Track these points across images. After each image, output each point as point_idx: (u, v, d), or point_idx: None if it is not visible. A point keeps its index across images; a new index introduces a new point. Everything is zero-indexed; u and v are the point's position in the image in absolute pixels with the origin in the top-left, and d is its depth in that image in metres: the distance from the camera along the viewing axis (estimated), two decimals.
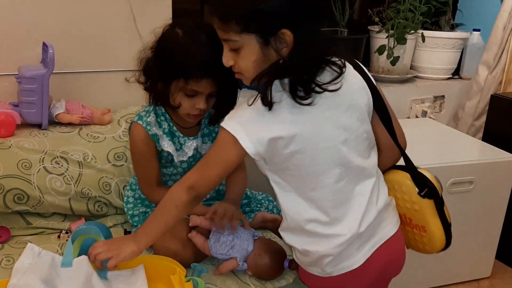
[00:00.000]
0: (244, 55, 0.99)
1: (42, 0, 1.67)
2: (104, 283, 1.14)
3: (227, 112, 1.13)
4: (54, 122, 1.65)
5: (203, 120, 1.42)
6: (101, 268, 1.15)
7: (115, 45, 1.79)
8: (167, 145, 1.35)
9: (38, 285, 1.07)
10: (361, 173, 1.12)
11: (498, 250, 2.11)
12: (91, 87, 1.80)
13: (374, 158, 1.16)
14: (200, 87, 1.23)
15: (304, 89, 0.99)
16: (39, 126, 1.62)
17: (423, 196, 1.18)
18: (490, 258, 2.12)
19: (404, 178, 1.20)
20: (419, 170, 1.21)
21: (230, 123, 1.01)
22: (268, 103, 0.98)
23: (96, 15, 1.75)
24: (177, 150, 1.37)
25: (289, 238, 1.16)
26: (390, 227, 1.17)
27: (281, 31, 0.94)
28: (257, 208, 1.53)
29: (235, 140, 1.00)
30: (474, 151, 2.09)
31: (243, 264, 1.28)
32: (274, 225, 1.51)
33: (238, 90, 1.32)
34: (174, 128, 1.38)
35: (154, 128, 1.33)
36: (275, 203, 1.57)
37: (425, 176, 1.20)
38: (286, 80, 0.99)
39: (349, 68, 1.10)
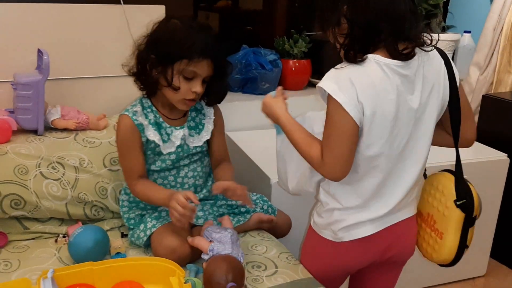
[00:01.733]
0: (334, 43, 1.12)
1: (37, 8, 1.69)
2: None
3: (220, 96, 1.42)
4: (50, 128, 1.67)
5: (189, 113, 1.46)
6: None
7: (109, 52, 1.81)
8: (152, 135, 1.38)
9: None
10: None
11: (493, 248, 2.13)
12: (86, 93, 1.82)
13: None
14: (200, 68, 1.31)
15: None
16: (35, 132, 1.64)
17: (458, 206, 1.22)
18: (485, 257, 2.14)
19: (449, 181, 1.25)
20: (467, 182, 1.26)
21: None
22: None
23: (91, 22, 1.77)
24: (164, 141, 1.40)
25: (329, 191, 1.22)
26: (404, 212, 1.24)
27: (344, 8, 1.06)
28: (253, 209, 1.55)
29: None
30: (466, 150, 2.09)
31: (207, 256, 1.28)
32: (269, 226, 1.54)
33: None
34: (161, 119, 1.41)
35: (140, 118, 1.37)
36: (269, 203, 1.58)
37: (469, 188, 1.25)
38: None
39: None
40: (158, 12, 1.84)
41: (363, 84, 1.04)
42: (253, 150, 1.91)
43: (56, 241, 1.47)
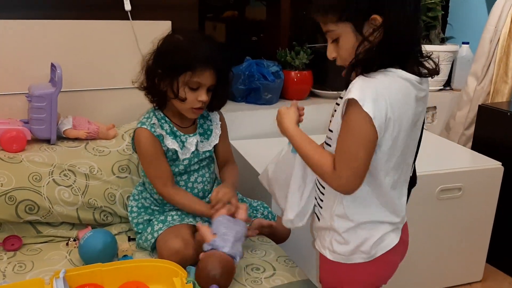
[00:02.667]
0: (343, 43, 1.07)
1: (51, 25, 1.77)
2: None
3: (222, 102, 1.51)
4: (62, 138, 1.74)
5: (198, 120, 1.55)
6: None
7: (118, 65, 1.89)
8: (171, 143, 1.47)
9: None
10: None
11: (489, 254, 2.17)
12: (97, 104, 1.90)
13: None
14: (204, 78, 1.40)
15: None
16: (48, 141, 1.71)
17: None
18: (481, 262, 2.19)
19: None
20: None
21: None
22: (347, 84, 1.07)
23: (101, 37, 1.85)
24: (180, 148, 1.49)
25: (345, 213, 1.17)
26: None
27: (372, 17, 1.02)
28: (254, 215, 1.62)
29: None
30: (462, 159, 2.17)
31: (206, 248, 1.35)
32: (270, 231, 1.60)
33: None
34: (175, 128, 1.50)
35: (158, 129, 1.46)
36: (270, 209, 1.66)
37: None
38: None
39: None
40: (164, 28, 1.92)
41: (392, 100, 1.03)
42: (255, 158, 1.97)
43: (67, 244, 1.55)
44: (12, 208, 1.51)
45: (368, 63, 1.04)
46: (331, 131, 1.15)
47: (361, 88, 1.02)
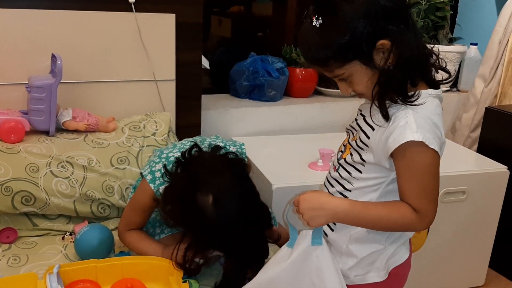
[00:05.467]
0: (357, 80, 1.01)
1: (52, 15, 1.75)
2: None
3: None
4: (61, 129, 1.72)
5: None
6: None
7: (120, 57, 1.87)
8: None
9: None
10: None
11: (492, 259, 2.15)
12: (97, 96, 1.87)
13: None
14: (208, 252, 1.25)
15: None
16: (47, 133, 1.69)
17: None
18: (484, 267, 2.16)
19: None
20: None
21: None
22: (387, 117, 0.99)
23: (103, 29, 1.82)
24: None
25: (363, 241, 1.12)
26: None
27: (378, 44, 0.96)
28: None
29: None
30: (467, 162, 2.14)
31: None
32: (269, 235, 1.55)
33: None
34: None
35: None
36: (272, 214, 1.62)
37: None
38: None
39: None
40: (168, 20, 1.90)
41: (440, 123, 1.00)
42: (256, 155, 1.95)
43: (63, 238, 1.53)
44: (8, 199, 1.48)
45: (398, 86, 0.98)
46: (362, 159, 1.07)
47: (418, 124, 0.96)
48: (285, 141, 2.22)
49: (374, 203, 1.06)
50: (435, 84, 1.04)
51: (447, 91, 2.75)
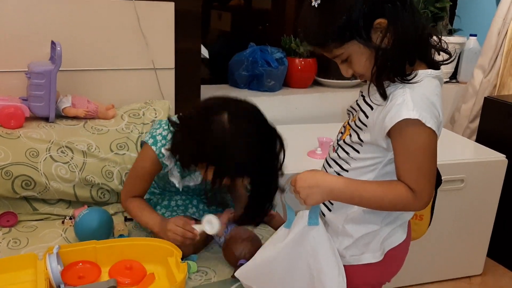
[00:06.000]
0: (355, 60, 1.01)
1: (51, 2, 1.75)
2: None
3: (256, 215, 1.30)
4: (61, 116, 1.73)
5: None
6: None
7: (119, 45, 1.88)
8: (174, 177, 1.38)
9: None
10: None
11: (490, 248, 2.16)
12: (97, 83, 1.88)
13: None
14: (237, 181, 1.25)
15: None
16: (46, 119, 1.70)
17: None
18: (482, 256, 2.17)
19: None
20: None
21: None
22: (384, 96, 1.00)
23: (103, 17, 1.83)
24: (183, 176, 1.39)
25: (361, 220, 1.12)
26: None
27: (375, 23, 0.96)
28: None
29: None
30: (465, 151, 2.15)
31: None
32: (268, 219, 1.57)
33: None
34: None
35: (166, 160, 1.34)
36: None
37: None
38: None
39: None
40: (167, 9, 1.90)
41: (439, 103, 1.00)
42: None
43: (63, 222, 1.53)
44: (9, 183, 1.49)
45: (395, 67, 0.99)
46: (360, 139, 1.07)
47: (414, 102, 0.97)
48: (284, 131, 2.19)
49: (370, 182, 1.06)
50: (435, 65, 1.04)
51: (446, 82, 2.76)
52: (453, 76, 2.81)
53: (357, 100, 1.13)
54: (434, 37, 1.05)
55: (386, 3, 0.96)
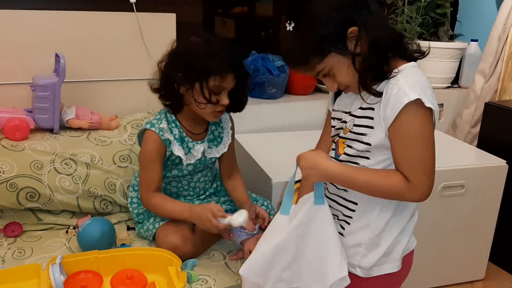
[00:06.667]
0: (338, 72, 1.05)
1: (55, 16, 1.80)
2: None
3: (242, 104, 1.45)
4: (65, 127, 1.77)
5: (210, 126, 1.53)
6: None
7: (122, 56, 1.91)
8: (177, 150, 1.44)
9: None
10: None
11: (492, 252, 2.15)
12: (100, 95, 1.92)
13: None
14: (226, 82, 1.37)
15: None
16: (51, 130, 1.74)
17: None
18: (484, 261, 2.17)
19: None
20: None
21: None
22: (378, 94, 1.04)
23: (105, 28, 1.87)
24: (185, 154, 1.47)
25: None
26: None
27: (348, 32, 1.01)
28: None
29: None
30: (466, 156, 2.15)
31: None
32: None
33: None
34: (184, 134, 1.48)
35: (166, 133, 1.43)
36: (269, 202, 1.66)
37: None
38: None
39: None
40: (169, 20, 1.94)
41: (430, 87, 1.04)
42: (257, 151, 1.98)
43: (66, 232, 1.57)
44: (13, 195, 1.53)
45: (375, 69, 1.03)
46: (368, 144, 1.08)
47: (410, 87, 1.00)
48: (286, 138, 2.25)
49: (365, 168, 1.09)
50: (414, 59, 1.08)
51: (448, 87, 2.77)
52: (455, 81, 2.81)
53: (336, 118, 1.17)
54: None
55: (354, 12, 1.01)
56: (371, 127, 1.08)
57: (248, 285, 1.17)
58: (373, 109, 1.07)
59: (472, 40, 2.75)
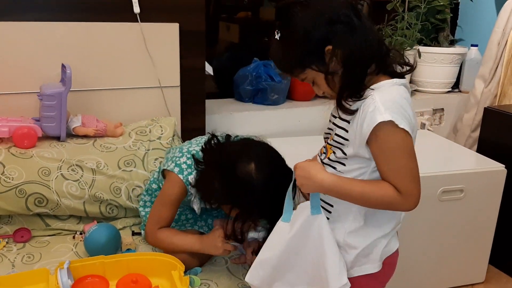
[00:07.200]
0: (319, 83, 1.10)
1: (62, 26, 1.84)
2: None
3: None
4: (71, 135, 1.81)
5: None
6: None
7: (127, 65, 1.95)
8: (195, 204, 1.46)
9: None
10: None
11: (492, 255, 2.18)
12: (105, 103, 1.96)
13: None
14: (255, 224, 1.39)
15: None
16: (58, 138, 1.78)
17: None
18: (484, 263, 2.19)
19: None
20: None
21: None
22: (350, 112, 1.07)
23: (110, 39, 1.91)
24: (200, 206, 1.48)
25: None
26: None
27: (325, 49, 1.04)
28: None
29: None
30: (465, 161, 2.18)
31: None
32: None
33: None
34: None
35: (190, 187, 1.44)
36: None
37: None
38: None
39: None
40: (172, 30, 1.98)
41: (408, 107, 1.07)
42: None
43: (73, 237, 1.61)
44: (22, 201, 1.57)
45: (351, 86, 1.06)
46: (343, 152, 1.12)
47: (385, 107, 1.03)
48: (288, 143, 2.27)
49: (359, 180, 1.11)
50: (398, 75, 1.11)
51: (448, 92, 2.80)
52: (455, 86, 2.84)
53: (331, 121, 1.20)
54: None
55: (330, 29, 1.04)
56: (346, 139, 1.12)
57: None
58: (349, 122, 1.10)
59: (472, 45, 2.78)
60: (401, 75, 1.12)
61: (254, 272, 1.21)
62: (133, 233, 1.64)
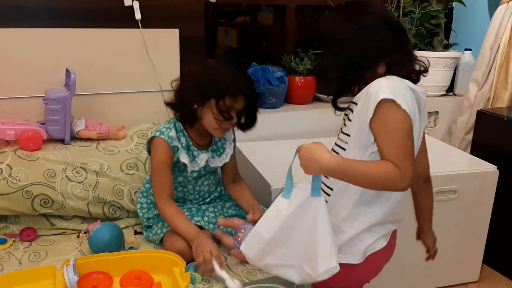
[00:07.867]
0: None
1: (66, 33, 1.89)
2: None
3: (252, 124, 1.56)
4: (75, 138, 1.86)
5: (214, 138, 1.64)
6: None
7: (129, 70, 2.01)
8: (183, 157, 1.55)
9: None
10: None
11: (486, 254, 2.22)
12: (108, 107, 2.01)
13: None
14: (237, 103, 1.48)
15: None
16: (62, 141, 1.83)
17: None
18: (478, 263, 2.23)
19: None
20: None
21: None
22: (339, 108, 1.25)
23: (113, 45, 1.96)
24: (190, 161, 1.58)
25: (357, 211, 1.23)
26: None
27: None
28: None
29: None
30: (459, 162, 2.23)
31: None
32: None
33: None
34: (190, 143, 1.59)
35: (174, 141, 1.54)
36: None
37: None
38: None
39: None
40: (172, 35, 2.04)
41: (409, 97, 1.12)
42: (256, 159, 2.06)
43: (78, 236, 1.66)
44: (29, 202, 1.63)
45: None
46: (347, 135, 1.20)
47: (389, 88, 1.09)
48: (285, 146, 2.32)
49: (361, 161, 1.14)
50: (409, 78, 1.19)
51: (443, 95, 2.85)
52: (450, 89, 2.90)
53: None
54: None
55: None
56: (350, 120, 1.19)
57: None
58: (356, 104, 1.18)
59: (466, 50, 2.83)
60: (412, 80, 1.19)
61: (249, 241, 1.21)
62: (136, 232, 1.69)
